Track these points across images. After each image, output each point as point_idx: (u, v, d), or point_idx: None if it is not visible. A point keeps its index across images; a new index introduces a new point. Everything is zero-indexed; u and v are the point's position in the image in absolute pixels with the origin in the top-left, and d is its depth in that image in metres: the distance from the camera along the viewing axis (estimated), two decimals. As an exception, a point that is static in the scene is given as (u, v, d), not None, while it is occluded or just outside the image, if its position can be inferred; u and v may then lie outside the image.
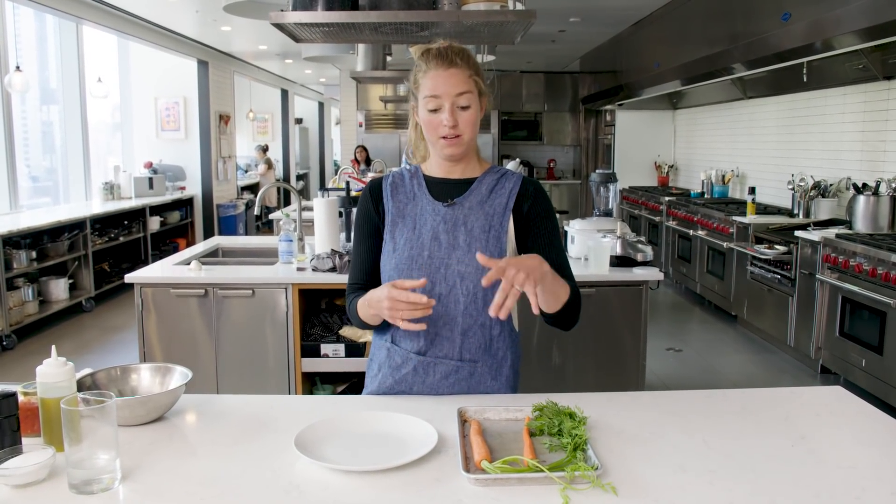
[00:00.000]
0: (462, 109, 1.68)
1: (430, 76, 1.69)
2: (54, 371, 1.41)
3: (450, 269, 1.70)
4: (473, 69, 1.71)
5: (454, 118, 1.68)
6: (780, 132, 6.56)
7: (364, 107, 11.63)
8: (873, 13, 3.86)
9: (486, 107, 1.77)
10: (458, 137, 1.70)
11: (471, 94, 1.69)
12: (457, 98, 1.67)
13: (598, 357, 3.46)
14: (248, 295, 3.36)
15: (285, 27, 3.10)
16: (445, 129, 1.68)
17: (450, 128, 1.68)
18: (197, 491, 1.25)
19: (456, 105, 1.68)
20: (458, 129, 1.69)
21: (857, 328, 4.35)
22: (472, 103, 1.69)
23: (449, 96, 1.67)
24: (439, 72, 1.68)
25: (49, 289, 6.34)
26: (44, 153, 8.53)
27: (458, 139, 1.70)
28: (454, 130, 1.69)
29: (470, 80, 1.69)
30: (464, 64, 1.70)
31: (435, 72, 1.69)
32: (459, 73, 1.68)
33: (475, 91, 1.70)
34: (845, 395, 1.76)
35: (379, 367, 1.81)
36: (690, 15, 6.62)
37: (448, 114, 1.67)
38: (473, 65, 1.72)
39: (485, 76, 1.76)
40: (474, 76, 1.71)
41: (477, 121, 1.73)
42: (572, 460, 1.32)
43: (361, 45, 6.11)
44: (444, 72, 1.68)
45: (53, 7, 6.43)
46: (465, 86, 1.68)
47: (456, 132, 1.69)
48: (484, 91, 1.74)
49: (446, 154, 1.73)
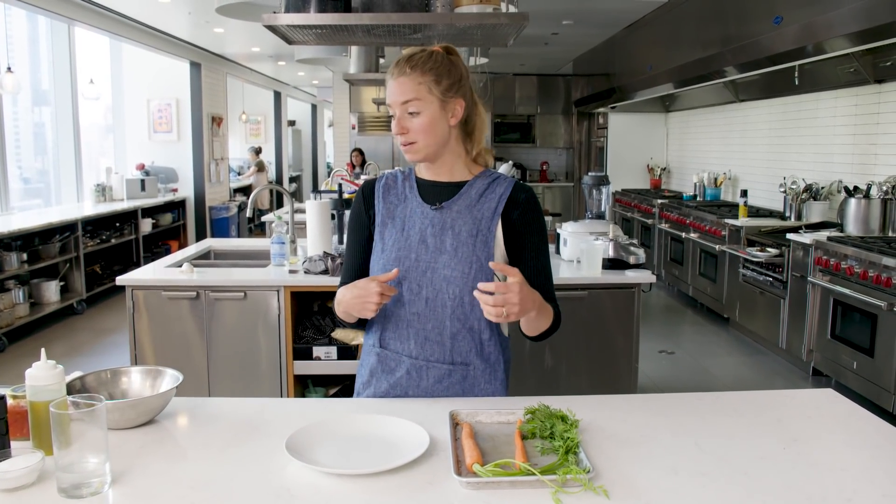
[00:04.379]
0: (411, 115, 1.69)
1: (388, 85, 1.72)
2: (44, 374, 1.40)
3: (436, 272, 1.70)
4: (430, 74, 1.67)
5: (401, 125, 1.69)
6: (772, 135, 6.58)
7: (357, 109, 11.61)
8: (865, 17, 3.88)
9: (467, 107, 1.73)
10: (411, 145, 1.71)
11: (419, 101, 1.67)
12: (403, 106, 1.69)
13: (590, 360, 3.46)
14: (240, 297, 3.35)
15: (278, 29, 3.09)
16: (399, 137, 1.71)
17: (399, 135, 1.70)
18: (187, 495, 1.25)
19: (404, 112, 1.69)
20: (410, 135, 1.70)
21: (849, 331, 4.37)
22: (422, 109, 1.68)
23: (396, 105, 1.69)
24: (391, 81, 1.71)
25: (40, 291, 6.31)
26: (35, 155, 8.50)
27: (412, 146, 1.71)
28: (405, 138, 1.70)
29: (420, 86, 1.67)
30: (414, 71, 1.67)
31: (389, 81, 1.71)
32: (407, 81, 1.68)
33: (429, 97, 1.67)
34: (837, 397, 1.76)
35: (371, 373, 1.80)
36: (683, 18, 6.64)
37: (396, 121, 1.70)
38: (431, 70, 1.68)
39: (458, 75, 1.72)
40: (429, 83, 1.67)
41: (433, 126, 1.69)
42: (564, 463, 1.31)
43: (354, 48, 6.11)
44: (394, 81, 1.70)
45: (45, 8, 6.41)
46: (412, 93, 1.67)
47: (407, 139, 1.70)
48: (450, 94, 1.69)
49: (407, 158, 1.75)
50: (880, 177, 4.92)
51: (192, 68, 10.07)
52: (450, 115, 1.71)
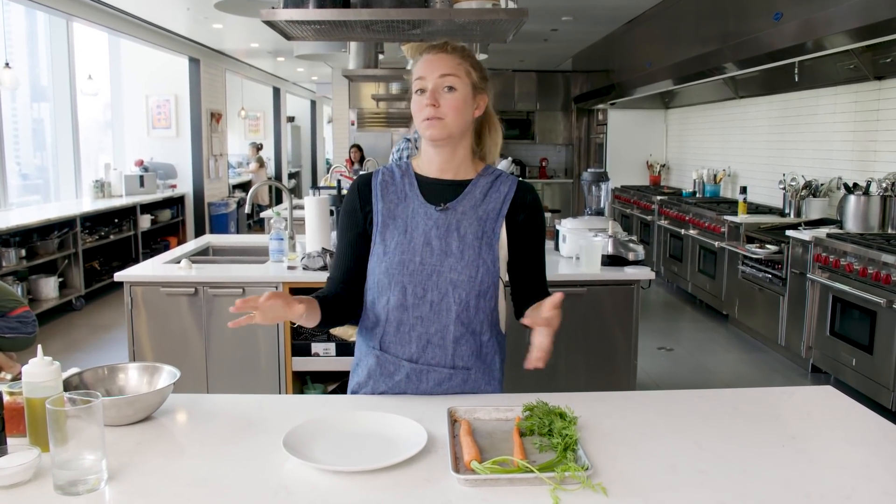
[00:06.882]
0: (447, 91, 1.65)
1: (420, 61, 1.69)
2: (40, 371, 1.39)
3: (442, 276, 1.67)
4: (467, 59, 1.69)
5: (434, 97, 1.64)
6: (772, 132, 6.58)
7: (356, 105, 11.60)
8: (864, 13, 3.87)
9: (486, 106, 1.74)
10: (439, 120, 1.65)
11: (457, 79, 1.65)
12: (440, 79, 1.65)
13: (589, 356, 3.46)
14: (238, 294, 3.34)
15: (276, 25, 3.08)
16: (427, 109, 1.64)
17: (430, 106, 1.64)
18: (184, 491, 1.24)
19: (440, 86, 1.65)
20: (440, 110, 1.64)
21: (848, 328, 4.37)
22: (458, 87, 1.66)
23: (433, 77, 1.65)
24: (427, 56, 1.68)
25: (38, 287, 6.31)
26: (34, 151, 8.48)
27: (439, 122, 1.65)
28: (435, 111, 1.64)
29: (459, 66, 1.67)
30: (455, 53, 1.68)
31: (425, 56, 1.68)
32: (448, 58, 1.67)
33: (465, 79, 1.67)
34: (836, 394, 1.76)
35: (369, 374, 1.77)
36: (682, 14, 6.63)
37: (429, 93, 1.65)
38: (468, 56, 1.70)
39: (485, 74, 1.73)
40: (465, 64, 1.68)
41: (464, 108, 1.67)
42: (562, 460, 1.31)
43: (353, 43, 6.09)
44: (433, 56, 1.67)
45: (44, 4, 6.39)
46: (451, 69, 1.65)
47: (437, 114, 1.64)
48: (480, 86, 1.71)
49: (428, 136, 1.68)
50: (880, 174, 4.91)
51: (191, 64, 10.05)
52: (475, 107, 1.71)
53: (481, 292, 1.68)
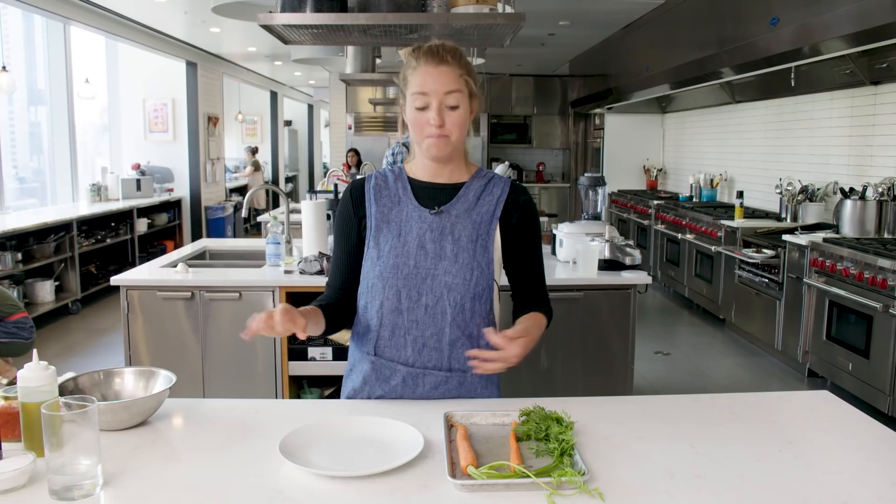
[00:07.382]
0: (450, 109, 1.63)
1: (419, 73, 1.63)
2: (35, 375, 1.38)
3: (436, 279, 1.66)
4: (465, 69, 1.65)
5: (441, 117, 1.62)
6: (768, 136, 6.59)
7: (353, 109, 11.59)
8: (861, 18, 3.88)
9: (477, 109, 1.72)
10: (445, 138, 1.64)
11: (460, 94, 1.63)
12: (445, 97, 1.62)
13: (586, 361, 3.45)
14: (235, 298, 3.34)
15: (274, 29, 3.08)
16: (432, 128, 1.62)
17: (437, 127, 1.62)
18: (180, 497, 1.24)
19: (444, 104, 1.62)
20: (446, 129, 1.63)
21: (844, 332, 4.37)
22: (461, 104, 1.63)
23: (437, 94, 1.61)
24: (429, 69, 1.62)
25: (35, 291, 6.29)
26: (31, 154, 8.47)
27: (444, 139, 1.64)
28: (441, 130, 1.63)
29: (460, 79, 1.63)
30: (455, 62, 1.64)
31: (424, 68, 1.63)
32: (450, 71, 1.62)
33: (465, 91, 1.64)
34: (832, 399, 1.76)
35: (364, 380, 1.76)
36: (679, 19, 6.64)
37: (435, 112, 1.62)
38: (465, 64, 1.66)
39: (477, 78, 1.71)
40: (465, 76, 1.65)
41: (466, 122, 1.66)
42: (559, 465, 1.31)
43: (350, 48, 6.09)
44: (434, 69, 1.62)
45: (41, 7, 6.39)
46: (455, 84, 1.62)
47: (443, 132, 1.63)
48: (475, 92, 1.68)
49: (432, 155, 1.68)
50: (876, 178, 4.92)
51: (189, 68, 10.04)
52: (470, 113, 1.69)
53: (476, 295, 1.68)
